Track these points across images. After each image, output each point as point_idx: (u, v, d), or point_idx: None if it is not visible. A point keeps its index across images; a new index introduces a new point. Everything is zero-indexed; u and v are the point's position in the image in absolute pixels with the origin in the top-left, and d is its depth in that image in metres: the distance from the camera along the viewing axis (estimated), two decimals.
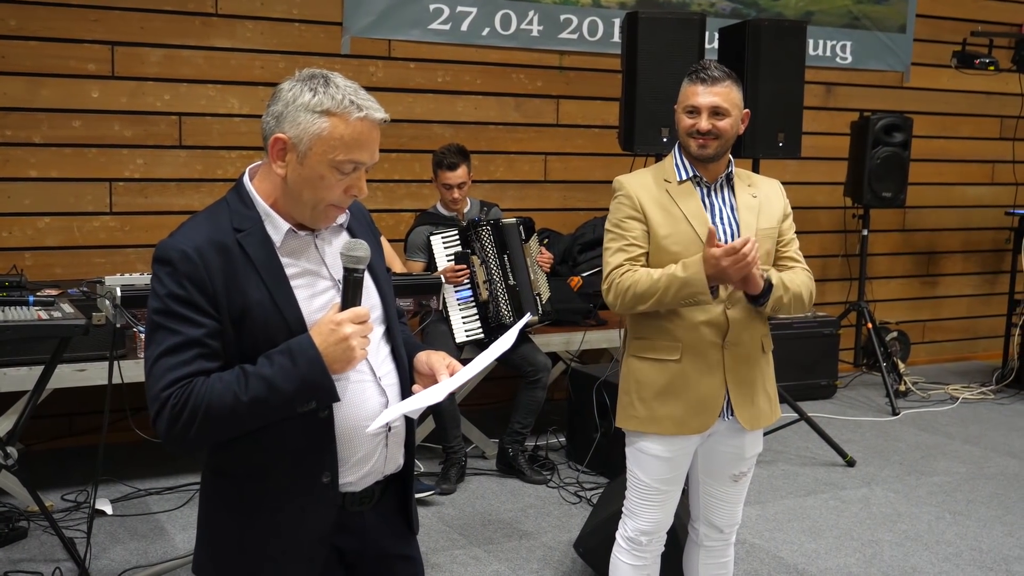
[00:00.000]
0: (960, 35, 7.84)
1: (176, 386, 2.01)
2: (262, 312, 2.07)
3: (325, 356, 2.03)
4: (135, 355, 4.80)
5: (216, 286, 2.04)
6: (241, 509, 2.18)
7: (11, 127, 5.58)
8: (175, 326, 2.03)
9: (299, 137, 2.06)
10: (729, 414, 3.19)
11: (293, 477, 2.14)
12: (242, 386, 2.01)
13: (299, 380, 2.02)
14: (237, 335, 2.07)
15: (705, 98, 3.11)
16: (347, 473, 2.17)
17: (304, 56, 6.17)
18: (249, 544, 2.18)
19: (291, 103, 2.07)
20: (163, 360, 2.03)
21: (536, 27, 6.83)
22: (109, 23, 5.73)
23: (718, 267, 2.94)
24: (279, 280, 2.10)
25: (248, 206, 2.15)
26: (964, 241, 8.87)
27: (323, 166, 2.06)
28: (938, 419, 7.03)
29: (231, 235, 2.09)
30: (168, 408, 2.01)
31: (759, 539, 4.83)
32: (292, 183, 2.10)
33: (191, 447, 2.06)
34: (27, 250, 5.66)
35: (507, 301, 5.44)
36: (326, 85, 2.07)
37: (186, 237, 2.08)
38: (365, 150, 2.09)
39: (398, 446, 2.27)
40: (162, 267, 2.06)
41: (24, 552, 4.45)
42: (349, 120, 2.06)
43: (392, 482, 2.32)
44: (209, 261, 2.05)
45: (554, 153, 7.04)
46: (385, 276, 2.34)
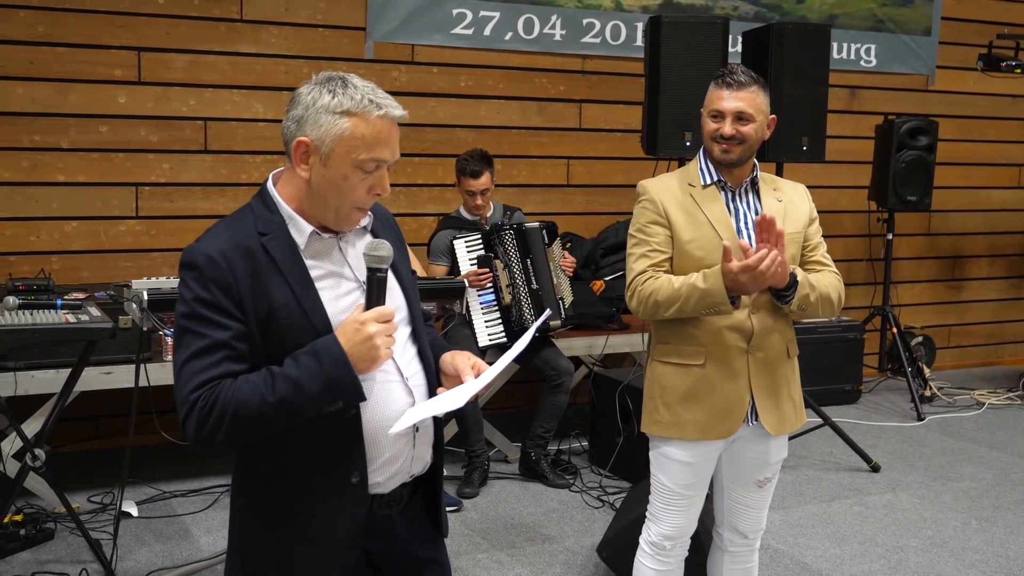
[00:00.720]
0: (986, 38, 7.79)
1: (204, 388, 2.03)
2: (288, 314, 2.09)
3: (350, 355, 2.03)
4: (161, 358, 4.84)
5: (242, 289, 2.06)
6: (270, 511, 2.19)
7: (39, 132, 5.63)
8: (202, 329, 2.05)
9: (321, 139, 2.08)
10: (754, 419, 3.18)
11: (322, 478, 2.14)
12: (269, 387, 2.02)
13: (325, 380, 2.03)
14: (263, 337, 2.09)
15: (730, 103, 3.10)
16: (375, 473, 2.18)
17: (328, 61, 6.19)
18: (279, 546, 2.18)
19: (311, 106, 2.09)
20: (191, 363, 2.05)
21: (559, 31, 6.83)
22: (136, 29, 5.77)
23: (736, 280, 2.94)
24: (304, 282, 2.12)
25: (272, 210, 2.17)
26: (990, 245, 8.81)
27: (346, 166, 2.09)
28: (964, 424, 6.98)
29: (256, 239, 2.11)
30: (196, 411, 2.02)
31: (783, 544, 4.82)
32: (316, 185, 2.12)
33: (220, 449, 2.09)
34: (55, 254, 5.71)
35: (530, 305, 5.44)
36: (344, 86, 2.10)
37: (211, 242, 2.10)
38: (387, 148, 2.11)
39: (425, 446, 2.28)
40: (188, 272, 2.08)
41: (51, 553, 4.48)
42: (369, 119, 2.08)
43: (420, 484, 2.32)
44: (235, 265, 2.07)
45: (577, 157, 7.04)
46: (410, 278, 2.35)
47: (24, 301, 4.01)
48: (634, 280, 3.17)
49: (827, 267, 3.26)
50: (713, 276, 2.99)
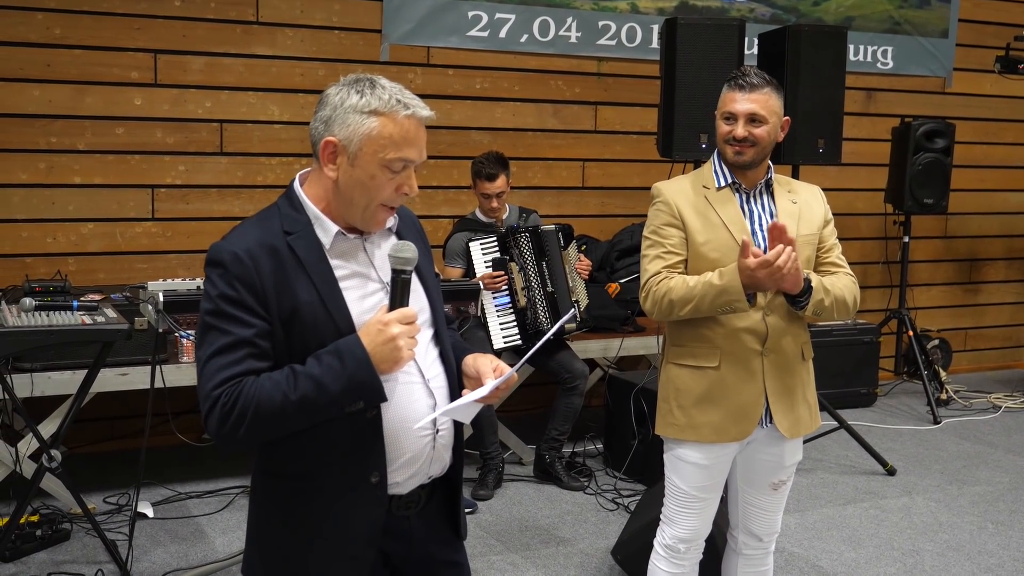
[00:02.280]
0: (1003, 40, 7.75)
1: (226, 385, 2.04)
2: (311, 312, 2.10)
3: (373, 356, 2.05)
4: (177, 360, 4.85)
5: (266, 287, 2.08)
6: (290, 510, 2.20)
7: (56, 134, 5.65)
8: (226, 326, 2.07)
9: (349, 139, 2.10)
10: (768, 422, 3.17)
11: (342, 477, 2.15)
12: (291, 385, 2.03)
13: (347, 379, 2.04)
14: (287, 335, 2.10)
15: (742, 105, 3.10)
16: (394, 474, 2.19)
17: (344, 63, 6.20)
18: (297, 545, 2.19)
19: (339, 106, 2.11)
20: (214, 360, 2.06)
21: (574, 33, 6.83)
22: (152, 32, 5.79)
23: (753, 277, 2.93)
24: (328, 281, 2.13)
25: (298, 210, 2.19)
26: (1007, 248, 8.77)
27: (374, 165, 2.10)
28: (980, 428, 6.95)
29: (281, 238, 2.13)
30: (218, 407, 2.04)
31: (798, 548, 4.80)
32: (344, 185, 2.13)
33: (241, 446, 2.10)
34: (71, 255, 5.74)
35: (545, 308, 5.44)
36: (372, 87, 2.12)
37: (237, 240, 2.12)
38: (414, 147, 2.13)
39: (445, 448, 2.28)
40: (214, 269, 2.10)
41: (67, 554, 4.50)
42: (397, 118, 2.10)
43: (439, 487, 2.33)
44: (260, 263, 2.08)
45: (592, 159, 7.03)
46: (434, 281, 2.37)
47: (40, 302, 4.03)
48: (648, 281, 3.16)
49: (842, 268, 3.25)
50: (729, 273, 2.98)
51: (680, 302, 3.07)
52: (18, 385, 4.48)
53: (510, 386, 2.25)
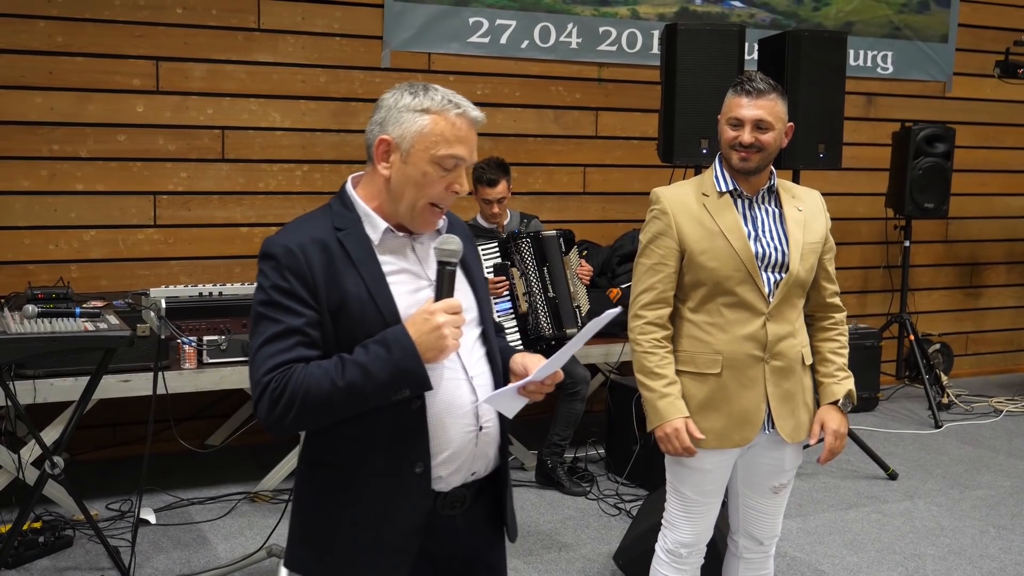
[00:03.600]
0: (1003, 44, 7.77)
1: (276, 372, 2.11)
2: (359, 305, 2.16)
3: (418, 344, 2.10)
4: (179, 366, 4.86)
5: (316, 279, 2.15)
6: (335, 499, 2.24)
7: (58, 141, 5.67)
8: (278, 316, 2.14)
9: (402, 136, 2.19)
10: (770, 427, 3.18)
11: (386, 467, 2.20)
12: (339, 372, 2.09)
13: (393, 367, 2.09)
14: (335, 327, 2.16)
15: (749, 111, 3.10)
16: (438, 467, 2.22)
17: (345, 70, 6.22)
18: (341, 535, 2.24)
19: (393, 107, 2.21)
20: (265, 348, 2.13)
21: (575, 39, 6.84)
22: (154, 39, 5.81)
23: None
24: (376, 275, 2.20)
25: (349, 208, 2.27)
26: (1008, 252, 8.78)
27: (425, 162, 2.18)
28: (982, 432, 6.95)
29: (332, 233, 2.20)
30: (268, 393, 2.10)
31: (800, 552, 4.80)
32: (395, 183, 2.21)
33: (290, 431, 2.16)
34: (73, 262, 5.75)
35: (546, 313, 5.45)
36: (425, 90, 2.22)
37: (289, 235, 2.20)
38: (464, 146, 2.20)
39: (489, 445, 2.32)
40: (266, 262, 2.18)
41: (70, 560, 4.50)
42: (448, 116, 2.19)
43: (486, 488, 2.36)
44: (310, 256, 2.15)
45: (593, 165, 7.04)
46: (482, 281, 2.42)
47: (43, 309, 4.04)
48: (638, 310, 3.23)
49: (835, 296, 3.33)
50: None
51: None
52: (21, 392, 4.48)
53: (555, 381, 2.30)
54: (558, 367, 2.26)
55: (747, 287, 3.10)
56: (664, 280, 3.17)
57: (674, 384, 3.15)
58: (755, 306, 3.11)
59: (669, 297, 3.19)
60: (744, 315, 3.12)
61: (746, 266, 3.09)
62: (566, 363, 5.39)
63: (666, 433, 3.12)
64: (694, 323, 3.18)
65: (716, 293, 3.13)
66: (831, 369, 3.28)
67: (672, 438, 3.12)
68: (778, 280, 3.12)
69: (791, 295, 3.15)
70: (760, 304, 3.11)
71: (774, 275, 3.12)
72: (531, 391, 2.25)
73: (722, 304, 3.13)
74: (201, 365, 4.88)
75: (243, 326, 4.92)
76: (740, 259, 3.08)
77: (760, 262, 3.11)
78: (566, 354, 2.25)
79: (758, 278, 3.10)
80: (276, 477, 5.24)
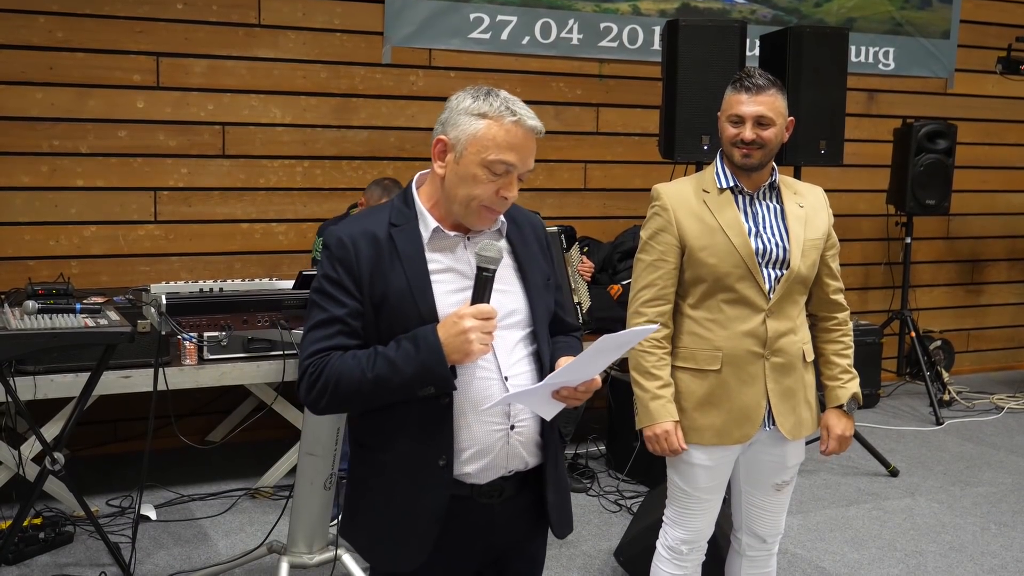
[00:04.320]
0: (1005, 40, 7.76)
1: (315, 357, 2.24)
2: (400, 299, 2.24)
3: (445, 346, 2.16)
4: (179, 362, 4.85)
5: (363, 271, 2.25)
6: (369, 478, 2.35)
7: (59, 137, 5.66)
8: (324, 304, 2.27)
9: (457, 138, 2.25)
10: (770, 424, 3.17)
11: (413, 455, 2.27)
12: (370, 364, 2.19)
13: (419, 365, 2.17)
14: (376, 319, 2.26)
15: (749, 107, 3.08)
16: (465, 464, 2.28)
17: (346, 66, 6.21)
18: (373, 512, 2.34)
19: (454, 109, 2.28)
20: (311, 333, 2.27)
21: (576, 35, 6.83)
22: (154, 34, 5.80)
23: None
24: (420, 272, 2.27)
25: (408, 206, 2.35)
26: (1009, 249, 8.77)
27: (475, 165, 2.23)
28: (983, 429, 6.95)
29: (386, 228, 2.29)
30: (307, 376, 2.25)
31: (801, 549, 4.80)
32: (448, 182, 2.28)
33: (325, 412, 2.32)
34: (74, 258, 5.74)
35: None
36: (487, 95, 2.28)
37: (346, 227, 2.31)
38: (515, 153, 2.25)
39: (524, 445, 2.35)
40: (325, 251, 2.31)
41: (70, 557, 4.50)
42: (503, 123, 2.24)
43: (528, 480, 2.40)
44: (360, 249, 2.26)
45: (594, 161, 7.04)
46: (541, 284, 2.44)
47: (43, 305, 4.02)
48: (638, 307, 3.22)
49: (839, 293, 3.32)
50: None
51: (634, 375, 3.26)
52: (21, 388, 4.47)
53: (591, 389, 2.31)
54: (588, 372, 2.27)
55: (747, 283, 3.10)
56: (664, 277, 3.16)
57: (668, 387, 3.16)
58: (755, 302, 3.10)
59: (669, 294, 3.18)
60: (744, 311, 3.11)
61: (746, 262, 3.08)
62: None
63: (655, 434, 3.14)
64: (694, 319, 3.17)
65: (716, 289, 3.12)
66: (835, 372, 3.29)
67: (661, 439, 3.13)
68: (779, 276, 3.12)
69: (792, 292, 3.15)
70: (760, 300, 3.10)
71: (775, 271, 3.12)
72: (565, 396, 2.28)
73: (722, 300, 3.12)
74: (202, 361, 4.87)
75: (243, 322, 4.90)
76: (740, 255, 3.08)
77: (760, 258, 3.10)
78: (592, 361, 2.25)
79: (758, 274, 3.09)
80: (277, 473, 5.24)
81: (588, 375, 2.27)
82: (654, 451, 3.18)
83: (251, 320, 4.84)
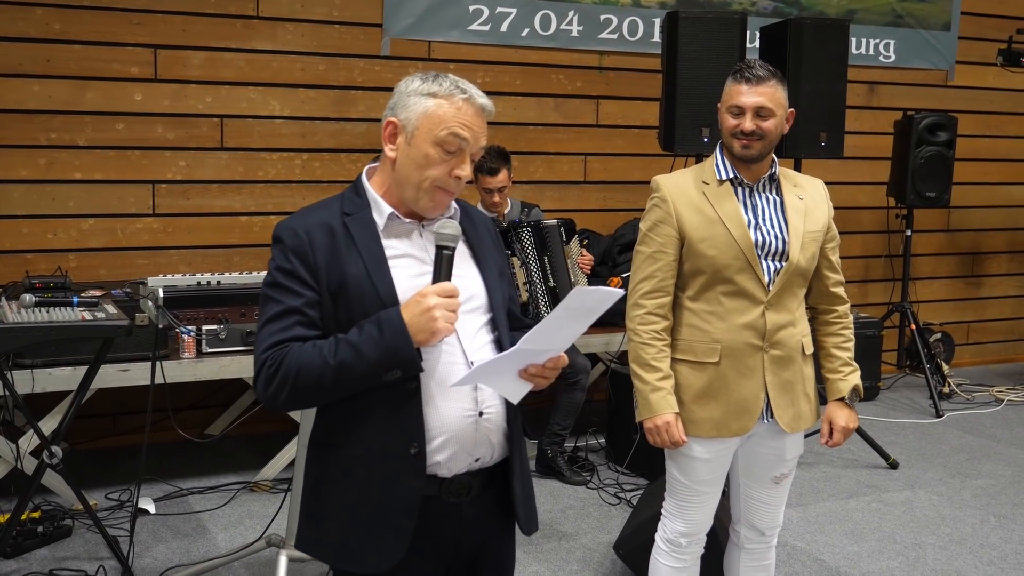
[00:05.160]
0: (1006, 33, 7.73)
1: (273, 350, 2.18)
2: (358, 286, 2.20)
3: (410, 326, 2.13)
4: (177, 355, 4.85)
5: (318, 260, 2.21)
6: (335, 478, 2.28)
7: (56, 130, 5.64)
8: (279, 296, 2.22)
9: (408, 118, 2.23)
10: (769, 416, 3.16)
11: (382, 446, 2.22)
12: (331, 351, 2.14)
13: (383, 347, 2.12)
14: (334, 307, 2.22)
15: (750, 98, 3.07)
16: (435, 452, 2.23)
17: (344, 58, 6.19)
18: (341, 514, 2.27)
19: (403, 92, 2.26)
20: (266, 327, 2.21)
21: (576, 27, 6.81)
22: (152, 26, 5.78)
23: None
24: (377, 258, 2.23)
25: (360, 195, 2.32)
26: (1009, 241, 8.76)
27: (428, 144, 2.21)
28: (983, 421, 6.94)
29: (339, 218, 2.26)
30: (264, 370, 2.18)
31: (800, 541, 4.79)
32: (400, 164, 2.25)
33: (286, 408, 2.23)
34: (72, 251, 5.73)
35: (547, 303, 5.43)
36: (436, 77, 2.26)
37: (298, 219, 2.27)
38: (467, 129, 2.23)
39: (492, 431, 2.31)
40: (275, 245, 2.26)
41: (68, 550, 4.49)
42: (454, 100, 2.22)
43: (495, 476, 2.36)
44: (314, 238, 2.22)
45: (594, 154, 7.02)
46: (496, 271, 2.41)
47: (41, 298, 4.02)
48: (637, 299, 3.20)
49: (839, 285, 3.31)
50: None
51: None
52: (19, 381, 4.47)
53: (558, 366, 2.30)
54: (557, 342, 2.24)
55: (746, 275, 3.09)
56: (664, 268, 3.15)
57: (668, 379, 3.14)
58: (754, 295, 3.09)
59: (669, 286, 3.17)
60: (743, 304, 3.10)
61: (745, 254, 3.07)
62: (567, 352, 5.42)
63: (656, 426, 3.13)
64: (693, 311, 3.16)
65: (715, 281, 3.11)
66: (836, 364, 3.28)
67: (662, 431, 3.12)
68: (778, 269, 3.10)
69: (791, 284, 3.13)
70: (759, 293, 3.09)
71: (774, 264, 3.11)
72: (532, 374, 2.24)
73: (721, 293, 3.11)
74: (200, 354, 4.87)
75: (241, 315, 4.90)
76: (739, 247, 3.07)
77: (760, 250, 3.09)
78: (563, 326, 2.20)
79: (757, 267, 3.08)
80: (276, 466, 5.24)
81: (557, 347, 2.24)
82: (654, 443, 3.17)
83: (249, 313, 4.83)
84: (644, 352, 3.16)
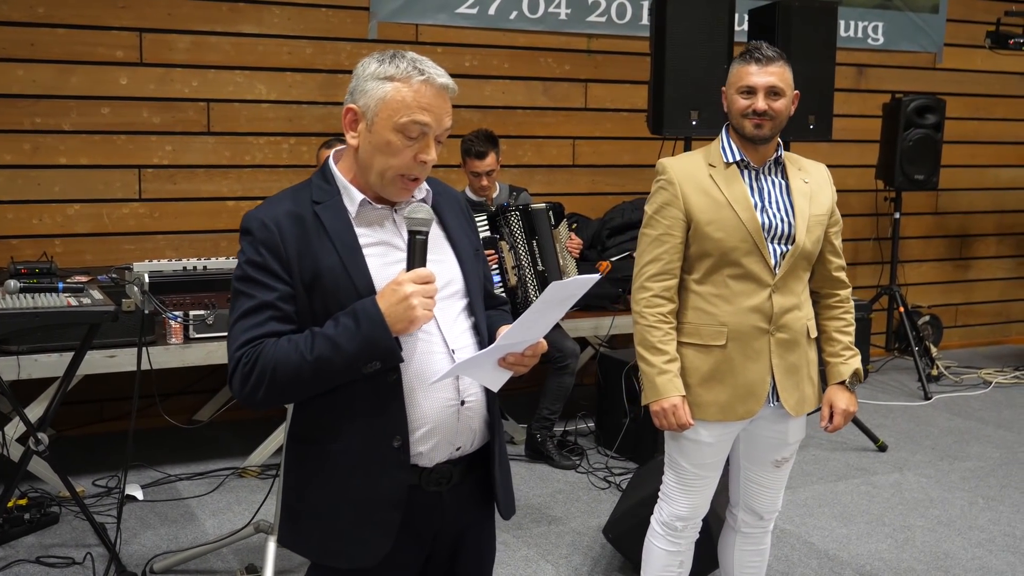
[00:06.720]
0: (994, 15, 7.73)
1: (248, 346, 2.11)
2: (333, 277, 2.14)
3: (387, 316, 2.07)
4: (164, 341, 4.82)
5: (290, 252, 2.13)
6: (317, 474, 2.23)
7: (41, 114, 5.60)
8: (251, 290, 2.14)
9: (366, 105, 2.15)
10: (775, 400, 3.16)
11: (364, 441, 2.18)
12: (308, 345, 2.08)
13: (362, 339, 2.06)
14: (309, 299, 2.15)
15: (761, 78, 3.07)
16: (418, 443, 2.20)
17: (331, 41, 6.16)
18: (325, 510, 2.22)
19: (360, 76, 2.18)
20: (239, 323, 2.14)
21: (564, 10, 6.78)
22: (137, 10, 5.73)
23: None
24: (351, 247, 2.17)
25: (329, 182, 2.24)
26: (997, 224, 8.77)
27: (389, 131, 2.14)
28: (971, 404, 6.96)
29: (309, 207, 2.19)
30: (240, 367, 2.11)
31: (790, 524, 4.80)
32: (363, 152, 2.18)
33: (263, 406, 2.16)
34: (57, 237, 5.69)
35: (536, 287, 5.41)
36: (393, 57, 2.18)
37: (266, 209, 2.19)
38: (429, 113, 2.15)
39: (473, 420, 2.28)
40: (244, 237, 2.18)
41: (56, 537, 4.48)
42: (411, 83, 2.14)
43: (474, 463, 2.33)
44: (284, 229, 2.14)
45: (582, 137, 7.00)
46: (471, 253, 2.36)
47: (26, 284, 4.00)
48: (642, 282, 3.18)
49: (841, 271, 3.32)
50: None
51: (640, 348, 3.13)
52: (4, 368, 4.45)
53: (537, 353, 2.24)
54: (536, 332, 2.20)
55: (753, 258, 3.08)
56: (670, 251, 3.13)
57: (674, 361, 3.13)
58: (761, 278, 3.09)
59: (675, 268, 3.15)
60: (750, 287, 3.10)
61: (752, 237, 3.06)
62: (555, 337, 5.42)
63: (663, 408, 3.10)
64: (699, 295, 3.15)
65: (722, 264, 3.10)
66: (837, 348, 3.27)
67: (668, 414, 3.10)
68: (784, 252, 3.10)
69: (797, 267, 3.13)
70: (766, 276, 3.08)
71: (780, 247, 3.10)
72: (511, 363, 2.19)
73: (728, 275, 3.10)
74: (187, 340, 4.84)
75: (228, 300, 4.87)
76: (747, 230, 3.05)
77: (767, 233, 3.08)
78: (540, 318, 2.18)
79: (764, 249, 3.07)
80: (264, 452, 5.22)
81: (535, 335, 2.20)
82: (661, 426, 3.15)
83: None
84: (650, 335, 3.14)
